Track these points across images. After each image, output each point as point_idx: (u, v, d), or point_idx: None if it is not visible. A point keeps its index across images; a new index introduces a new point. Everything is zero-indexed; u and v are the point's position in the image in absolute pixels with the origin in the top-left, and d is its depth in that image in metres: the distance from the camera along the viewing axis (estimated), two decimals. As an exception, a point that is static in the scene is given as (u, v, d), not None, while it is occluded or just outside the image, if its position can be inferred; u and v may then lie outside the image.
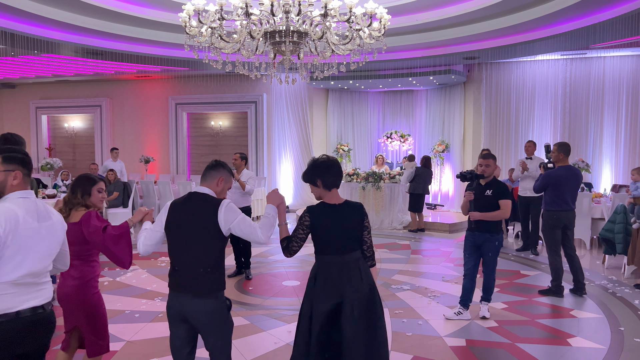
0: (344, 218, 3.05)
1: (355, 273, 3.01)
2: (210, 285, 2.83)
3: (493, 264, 5.16)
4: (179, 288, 2.84)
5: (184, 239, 2.85)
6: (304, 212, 3.09)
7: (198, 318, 2.81)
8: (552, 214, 5.90)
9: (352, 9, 5.03)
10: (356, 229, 3.07)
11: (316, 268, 3.09)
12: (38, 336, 2.40)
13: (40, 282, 2.42)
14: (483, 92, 11.98)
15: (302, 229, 3.06)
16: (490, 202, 4.98)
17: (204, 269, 2.80)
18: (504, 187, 5.06)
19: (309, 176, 3.11)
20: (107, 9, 7.62)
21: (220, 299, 2.88)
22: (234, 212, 2.86)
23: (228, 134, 13.68)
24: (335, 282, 2.98)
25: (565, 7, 7.20)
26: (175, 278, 2.88)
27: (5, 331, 2.27)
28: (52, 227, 2.48)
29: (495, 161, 5.13)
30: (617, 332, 4.81)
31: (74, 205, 3.27)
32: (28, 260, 2.34)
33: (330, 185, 3.08)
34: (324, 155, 3.23)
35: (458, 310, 5.18)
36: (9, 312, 2.28)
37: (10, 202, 2.36)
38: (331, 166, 3.08)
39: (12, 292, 2.30)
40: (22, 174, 2.42)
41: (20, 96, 15.16)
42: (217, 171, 3.02)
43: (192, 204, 2.91)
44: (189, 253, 2.84)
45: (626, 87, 10.82)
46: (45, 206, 2.53)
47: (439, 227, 10.39)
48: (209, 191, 2.96)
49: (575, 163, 9.54)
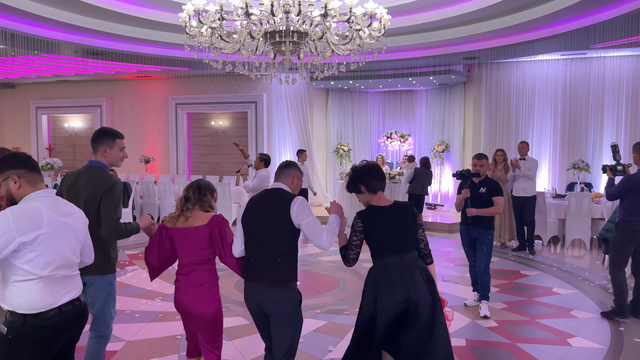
0: (396, 218, 3.08)
1: (416, 272, 3.02)
2: (283, 274, 2.96)
3: (487, 258, 5.31)
4: (254, 277, 3.01)
5: (258, 230, 3.01)
6: (356, 219, 3.12)
7: (271, 306, 2.96)
8: (632, 224, 5.08)
9: (352, 9, 5.03)
10: (410, 228, 3.09)
11: (375, 271, 3.08)
12: (75, 326, 2.55)
13: (73, 274, 2.55)
14: (483, 92, 11.99)
15: (356, 235, 3.09)
16: (485, 199, 5.27)
17: (276, 258, 2.95)
18: (497, 185, 5.38)
19: (352, 185, 3.19)
20: (107, 9, 7.62)
21: (293, 289, 3.01)
22: (306, 210, 2.98)
23: (228, 134, 13.68)
24: (399, 282, 2.97)
25: (565, 7, 7.20)
26: (250, 268, 3.04)
27: (53, 325, 2.41)
28: (75, 222, 2.57)
29: (488, 161, 5.50)
30: (617, 332, 4.81)
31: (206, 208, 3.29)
32: (60, 253, 2.44)
33: (375, 188, 3.12)
34: (363, 160, 3.29)
35: (478, 297, 5.49)
36: (52, 307, 2.41)
37: (34, 200, 2.44)
38: (372, 170, 3.15)
39: (52, 288, 2.41)
40: (18, 175, 2.45)
41: (20, 96, 15.17)
42: (291, 169, 3.18)
43: (268, 198, 3.09)
44: (263, 243, 2.99)
45: (626, 87, 10.82)
46: (65, 201, 2.63)
47: (438, 227, 10.39)
48: (285, 187, 3.13)
49: (575, 163, 9.55)
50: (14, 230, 2.28)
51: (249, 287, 3.04)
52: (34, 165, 2.51)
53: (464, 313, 5.32)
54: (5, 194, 2.47)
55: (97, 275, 3.22)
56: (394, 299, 2.93)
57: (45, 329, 2.39)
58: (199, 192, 3.25)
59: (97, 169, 3.30)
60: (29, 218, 2.34)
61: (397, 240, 3.05)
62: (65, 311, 2.45)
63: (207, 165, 13.87)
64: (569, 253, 8.38)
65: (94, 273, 3.19)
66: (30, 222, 2.34)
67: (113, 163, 3.38)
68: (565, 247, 8.74)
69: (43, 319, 2.38)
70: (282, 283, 2.96)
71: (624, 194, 5.13)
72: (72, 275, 2.55)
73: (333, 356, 4.27)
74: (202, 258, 3.15)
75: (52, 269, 2.41)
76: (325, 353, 4.31)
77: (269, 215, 3.00)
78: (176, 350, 4.34)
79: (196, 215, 3.21)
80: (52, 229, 2.41)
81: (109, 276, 3.30)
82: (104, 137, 3.35)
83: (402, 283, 2.96)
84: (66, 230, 2.49)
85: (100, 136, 3.35)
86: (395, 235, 3.05)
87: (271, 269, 2.95)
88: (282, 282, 2.96)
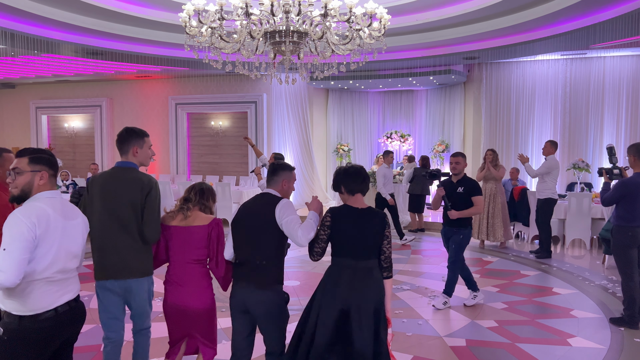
0: (365, 223, 3.06)
1: (367, 280, 3.00)
2: (269, 277, 3.02)
3: (455, 256, 5.34)
4: (242, 280, 3.06)
5: (246, 233, 3.08)
6: (326, 213, 3.14)
7: (258, 308, 3.02)
8: (627, 230, 4.93)
9: (352, 9, 5.02)
10: (376, 236, 3.05)
11: (330, 269, 3.13)
12: (73, 325, 2.57)
13: (71, 277, 2.55)
14: (483, 92, 11.99)
15: (324, 229, 3.09)
16: (463, 199, 5.29)
17: (262, 261, 3.01)
18: (475, 184, 5.37)
19: (335, 185, 3.25)
20: (107, 9, 7.61)
21: (279, 291, 3.08)
22: (287, 210, 3.02)
23: (228, 134, 13.68)
24: (344, 287, 2.98)
25: (565, 7, 7.20)
26: (238, 271, 3.10)
27: (49, 327, 2.41)
28: (78, 226, 2.59)
29: (464, 159, 5.45)
30: (617, 332, 4.81)
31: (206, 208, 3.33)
32: (60, 257, 2.44)
33: (352, 190, 3.15)
34: (348, 163, 3.33)
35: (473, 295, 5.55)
36: (49, 309, 2.41)
37: (40, 201, 2.44)
38: (352, 172, 3.18)
39: (49, 290, 2.42)
40: (48, 174, 2.50)
41: (20, 96, 15.16)
42: (278, 175, 3.20)
43: (256, 202, 3.16)
44: (249, 247, 3.06)
45: (626, 87, 10.82)
46: (71, 205, 2.65)
47: (439, 227, 10.34)
48: (274, 192, 3.17)
49: (575, 163, 9.55)
50: (37, 227, 2.32)
51: (236, 288, 3.11)
52: (57, 171, 2.59)
53: (463, 313, 5.32)
54: (23, 183, 2.46)
55: (142, 278, 3.24)
56: (335, 298, 2.97)
57: (41, 330, 2.39)
58: (201, 196, 3.30)
59: (131, 169, 3.28)
60: (37, 219, 2.35)
61: (358, 244, 3.03)
62: (61, 312, 2.46)
63: (207, 165, 13.87)
64: (569, 253, 8.37)
65: (140, 276, 3.22)
66: (38, 222, 2.35)
67: (143, 162, 3.37)
68: (565, 247, 8.74)
69: (39, 321, 2.38)
70: (268, 285, 3.03)
71: (618, 199, 4.96)
72: (71, 277, 2.55)
73: (333, 356, 4.26)
74: (197, 257, 3.20)
75: (51, 271, 2.41)
76: (325, 353, 4.31)
77: (256, 219, 3.06)
78: (176, 350, 4.33)
79: (196, 215, 3.25)
80: (55, 232, 2.41)
81: (152, 276, 3.35)
82: (132, 137, 3.32)
83: (348, 286, 2.97)
84: (68, 233, 2.50)
85: (129, 136, 3.32)
86: (358, 239, 3.03)
87: (257, 271, 3.01)
88: (267, 285, 3.02)
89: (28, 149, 2.52)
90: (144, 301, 3.29)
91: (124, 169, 3.28)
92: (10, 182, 2.47)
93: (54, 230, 2.40)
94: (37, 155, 2.50)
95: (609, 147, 5.87)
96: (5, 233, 2.30)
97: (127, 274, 3.19)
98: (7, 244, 2.27)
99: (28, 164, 2.46)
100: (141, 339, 3.43)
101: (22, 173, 2.45)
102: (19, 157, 2.49)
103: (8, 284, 2.23)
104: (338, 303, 2.97)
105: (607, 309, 5.46)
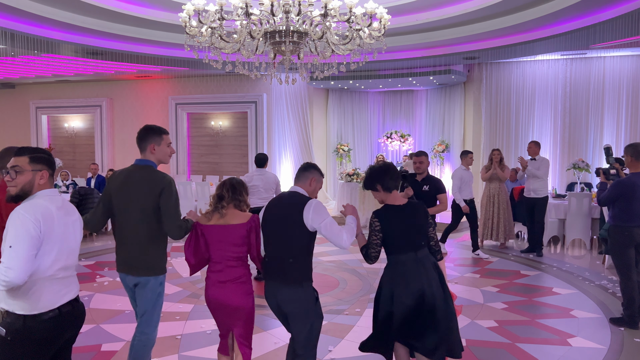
0: (411, 217, 3.26)
1: (429, 267, 3.21)
2: (296, 274, 3.06)
3: None
4: (270, 277, 3.14)
5: (273, 231, 3.14)
6: (372, 218, 3.27)
7: (286, 305, 3.08)
8: (623, 230, 4.91)
9: (352, 9, 5.02)
10: (423, 226, 3.27)
11: (391, 268, 3.25)
12: (74, 325, 2.58)
13: (72, 275, 2.57)
14: (483, 92, 11.98)
15: (375, 234, 3.24)
16: (428, 197, 5.42)
17: (289, 259, 3.05)
18: (439, 182, 5.52)
19: (369, 183, 3.34)
20: (107, 9, 7.61)
21: (307, 288, 3.10)
22: (321, 213, 3.05)
23: (228, 134, 13.68)
24: (413, 278, 3.15)
25: (565, 7, 7.20)
26: (267, 268, 3.17)
27: (53, 327, 2.42)
28: (76, 222, 2.61)
29: (427, 158, 5.64)
30: (617, 332, 4.81)
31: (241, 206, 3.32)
32: (63, 254, 2.46)
33: (390, 187, 3.28)
34: (380, 161, 3.37)
35: None
36: (52, 308, 2.42)
37: (42, 199, 2.46)
38: (388, 170, 3.29)
39: (53, 289, 2.43)
40: (47, 174, 2.52)
41: (20, 96, 15.16)
42: (309, 172, 3.26)
43: (283, 201, 3.22)
44: (276, 244, 3.12)
45: (626, 87, 10.81)
46: (70, 203, 2.67)
47: (438, 227, 10.35)
48: (301, 190, 3.21)
49: (575, 163, 9.55)
50: (42, 224, 2.34)
51: (267, 286, 3.17)
52: (55, 170, 2.61)
53: (464, 313, 5.32)
54: (23, 182, 2.45)
55: (151, 277, 3.24)
56: (409, 293, 3.11)
57: (44, 330, 2.39)
58: (233, 192, 3.26)
59: (148, 167, 3.29)
60: (42, 216, 2.36)
61: (412, 238, 3.23)
62: (64, 312, 2.46)
63: (207, 165, 13.88)
64: (569, 253, 8.38)
65: (149, 274, 3.23)
66: (43, 219, 2.36)
67: (162, 159, 3.38)
68: (565, 247, 8.74)
69: (43, 320, 2.38)
70: (296, 282, 3.06)
71: (615, 199, 4.95)
72: (71, 275, 2.57)
73: (333, 356, 4.27)
74: (237, 254, 3.19)
75: (55, 269, 2.42)
76: (326, 353, 4.31)
77: (283, 217, 3.11)
78: (176, 350, 4.33)
79: (232, 213, 3.22)
80: (59, 228, 2.43)
81: (161, 277, 3.32)
82: (150, 134, 3.33)
83: (416, 278, 3.13)
84: (69, 230, 2.52)
85: (147, 134, 3.33)
86: (410, 234, 3.23)
87: (284, 269, 3.07)
88: (295, 282, 3.06)
89: (27, 148, 2.52)
90: (148, 301, 3.27)
91: (140, 167, 3.30)
92: (9, 181, 2.45)
93: (57, 227, 2.42)
94: (38, 155, 2.51)
95: (606, 148, 5.89)
96: (10, 231, 2.29)
97: (134, 271, 3.25)
98: (13, 242, 2.26)
99: (29, 163, 2.46)
100: (136, 344, 3.29)
101: (23, 172, 2.45)
102: (17, 156, 2.48)
103: (18, 280, 2.23)
104: (414, 296, 3.12)
105: (607, 309, 5.46)
